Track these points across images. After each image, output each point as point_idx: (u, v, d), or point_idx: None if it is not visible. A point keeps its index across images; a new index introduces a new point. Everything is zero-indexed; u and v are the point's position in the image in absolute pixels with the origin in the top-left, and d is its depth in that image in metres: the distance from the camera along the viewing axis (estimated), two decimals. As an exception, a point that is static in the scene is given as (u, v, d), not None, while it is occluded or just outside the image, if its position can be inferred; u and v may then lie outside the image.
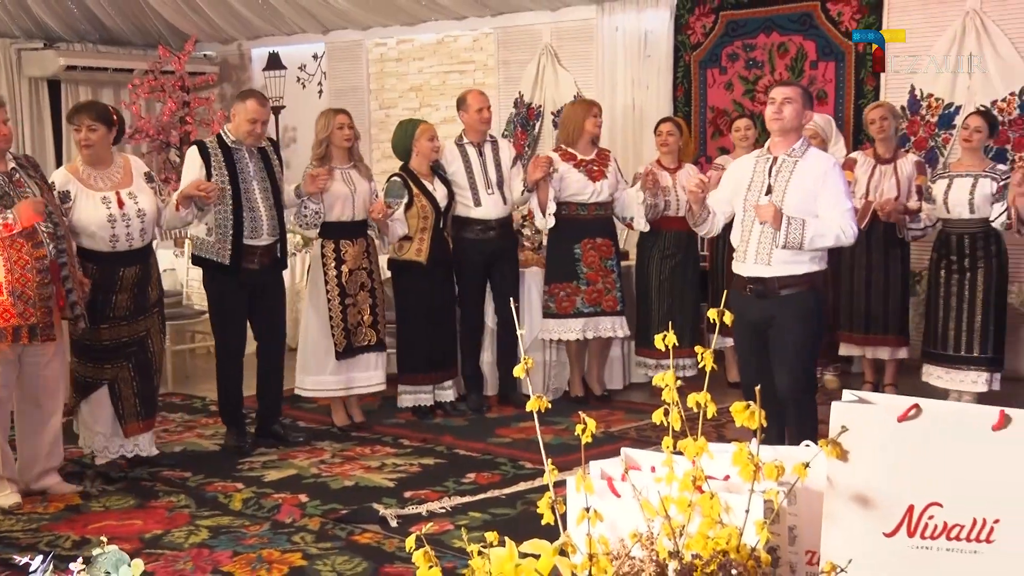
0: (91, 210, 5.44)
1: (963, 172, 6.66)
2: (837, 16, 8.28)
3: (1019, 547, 1.43)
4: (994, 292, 6.67)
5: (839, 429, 1.48)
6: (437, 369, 7.01)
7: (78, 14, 10.55)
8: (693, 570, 1.37)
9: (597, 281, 7.08)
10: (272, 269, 6.26)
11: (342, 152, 6.52)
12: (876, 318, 7.09)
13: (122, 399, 5.70)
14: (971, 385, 6.68)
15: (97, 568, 1.75)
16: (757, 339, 5.13)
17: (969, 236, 6.66)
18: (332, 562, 4.62)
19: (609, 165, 7.11)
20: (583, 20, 9.45)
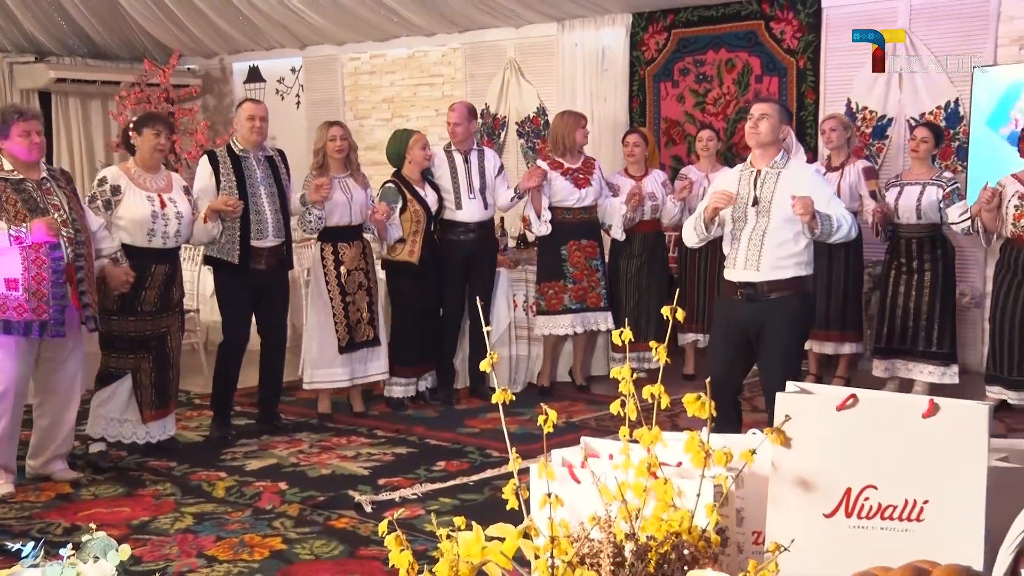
0: (138, 204, 5.62)
1: (912, 180, 6.75)
2: (780, 34, 8.33)
3: (945, 525, 1.45)
4: (942, 291, 6.74)
5: (783, 418, 1.49)
6: (424, 362, 7.06)
7: (67, 29, 10.48)
8: (648, 551, 1.37)
9: (583, 280, 7.15)
10: (278, 270, 6.34)
11: (338, 162, 6.57)
12: (823, 314, 7.14)
13: (141, 388, 5.79)
14: (928, 376, 6.73)
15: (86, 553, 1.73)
16: (741, 339, 5.11)
17: (917, 240, 6.74)
18: (310, 546, 4.61)
19: (594, 173, 7.18)
20: (545, 36, 9.47)
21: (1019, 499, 1.39)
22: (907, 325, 6.76)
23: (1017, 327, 6.39)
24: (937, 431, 1.45)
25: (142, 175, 5.71)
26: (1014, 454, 1.66)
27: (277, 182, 6.21)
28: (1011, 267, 6.42)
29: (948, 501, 1.44)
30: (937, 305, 6.70)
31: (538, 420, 1.47)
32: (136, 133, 5.73)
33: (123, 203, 5.61)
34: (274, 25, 10.29)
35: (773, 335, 5.01)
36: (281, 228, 6.21)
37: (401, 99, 10.52)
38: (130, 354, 5.74)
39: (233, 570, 4.37)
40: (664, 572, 1.37)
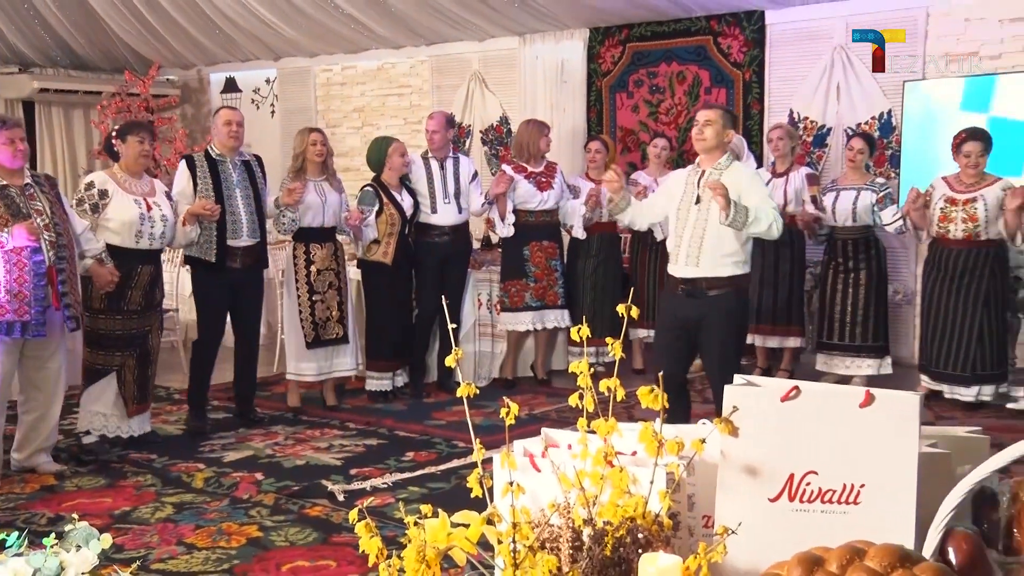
0: (126, 207, 5.60)
1: (848, 186, 6.83)
2: (727, 49, 8.39)
3: (880, 508, 1.46)
4: (876, 289, 6.82)
5: (731, 409, 1.50)
6: (398, 357, 7.04)
7: (50, 41, 10.38)
8: (605, 535, 1.38)
9: (543, 279, 7.17)
10: (253, 269, 6.30)
11: (316, 166, 6.57)
12: (768, 310, 7.21)
13: (125, 384, 5.76)
14: (866, 369, 6.81)
15: (69, 543, 1.71)
16: (683, 333, 5.12)
17: (853, 241, 6.83)
18: (285, 533, 4.59)
19: (555, 177, 7.20)
20: (507, 49, 9.47)
21: (947, 483, 1.41)
22: (844, 321, 6.85)
23: (946, 322, 6.48)
24: (873, 420, 1.46)
25: (128, 180, 5.69)
26: (943, 441, 1.68)
27: (253, 185, 6.19)
28: (937, 265, 6.51)
29: (883, 485, 1.46)
30: (872, 302, 6.79)
31: (501, 412, 1.47)
32: (120, 140, 5.70)
33: (111, 206, 5.58)
34: (249, 38, 10.24)
35: (712, 330, 5.02)
36: (256, 229, 6.18)
37: (371, 108, 10.49)
38: (116, 352, 5.71)
39: (211, 557, 4.33)
40: (620, 555, 1.37)
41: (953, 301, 6.41)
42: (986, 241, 6.29)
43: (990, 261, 6.33)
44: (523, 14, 8.79)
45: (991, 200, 6.22)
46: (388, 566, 1.40)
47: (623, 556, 1.38)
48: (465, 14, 8.94)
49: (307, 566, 4.22)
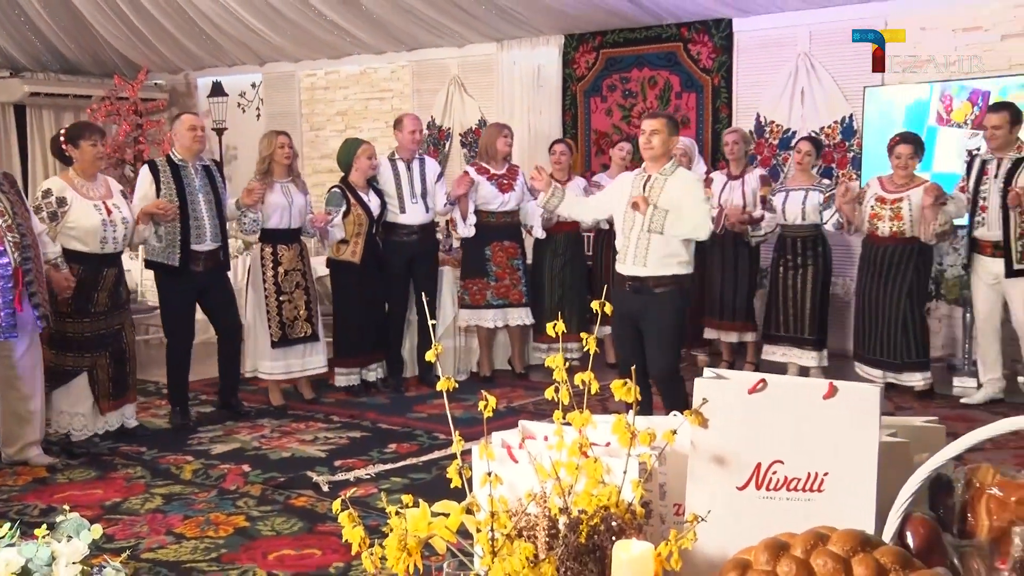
0: (87, 214, 5.46)
1: (796, 187, 6.90)
2: (696, 55, 8.41)
3: (843, 495, 1.47)
4: (820, 284, 6.88)
5: (700, 401, 1.50)
6: (367, 354, 7.00)
7: (41, 46, 10.30)
8: (580, 523, 1.38)
9: (505, 278, 7.15)
10: (216, 271, 6.20)
11: (282, 168, 6.49)
12: (729, 307, 7.26)
13: (99, 383, 5.69)
14: (808, 360, 6.88)
15: (60, 533, 1.69)
16: (632, 327, 5.19)
17: (801, 239, 6.88)
18: (272, 523, 4.58)
19: (517, 179, 7.18)
20: (485, 55, 9.47)
21: (906, 470, 1.42)
22: (789, 314, 6.91)
23: (875, 313, 6.55)
24: (835, 411, 1.47)
25: (84, 184, 5.54)
26: (902, 430, 1.69)
27: (214, 189, 6.10)
28: (868, 260, 6.62)
29: (845, 473, 1.46)
30: (817, 297, 6.86)
31: (479, 406, 1.47)
32: (72, 145, 5.51)
33: (72, 214, 5.42)
34: (235, 43, 10.19)
35: (655, 324, 5.10)
36: (218, 233, 6.10)
37: (354, 112, 10.47)
38: (86, 353, 5.62)
39: (200, 546, 4.32)
40: (594, 542, 1.37)
41: (881, 294, 6.51)
42: (911, 239, 6.39)
43: (915, 257, 6.42)
44: (500, 21, 8.79)
45: (916, 201, 6.31)
46: (370, 554, 1.40)
47: (597, 543, 1.38)
48: (444, 21, 8.93)
49: (293, 555, 4.21)
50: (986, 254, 6.34)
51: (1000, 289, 6.34)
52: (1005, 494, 1.57)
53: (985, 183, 6.26)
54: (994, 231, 6.24)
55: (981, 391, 6.59)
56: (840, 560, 1.23)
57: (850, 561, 1.23)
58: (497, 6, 8.45)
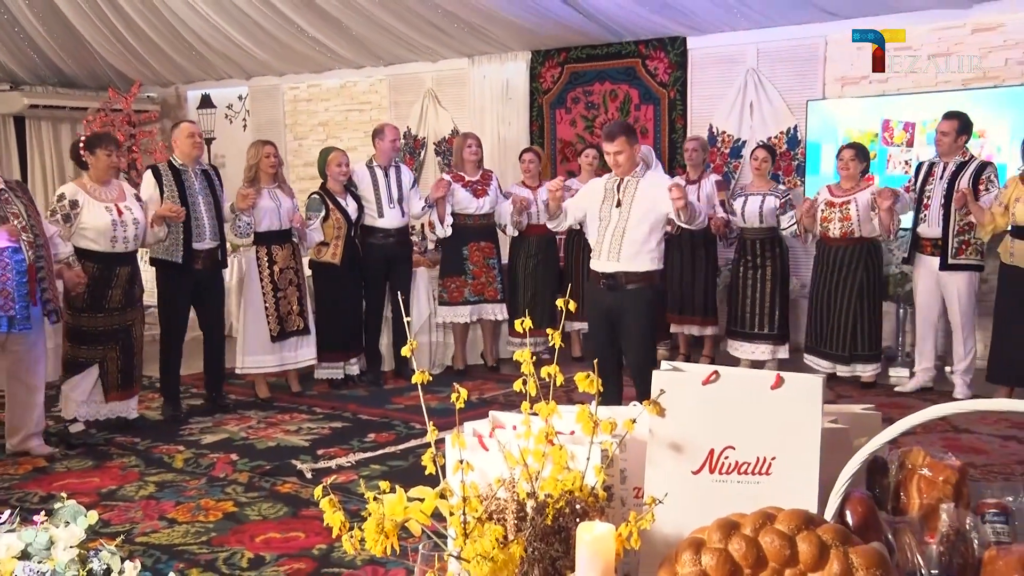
0: (98, 216, 5.47)
1: (754, 192, 6.92)
2: (654, 70, 8.44)
3: (789, 477, 1.47)
4: (778, 282, 6.92)
5: (658, 392, 1.50)
6: (348, 349, 6.97)
7: (39, 61, 10.20)
8: (546, 507, 1.38)
9: (481, 276, 7.15)
10: (213, 269, 6.20)
11: (268, 175, 6.48)
12: (688, 302, 7.29)
13: (108, 375, 5.68)
14: (767, 354, 6.91)
15: (58, 519, 1.69)
16: (607, 322, 5.15)
17: (759, 240, 6.91)
18: (258, 508, 4.56)
19: (491, 184, 7.19)
20: (458, 69, 9.45)
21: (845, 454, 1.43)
22: (751, 311, 6.94)
23: (828, 309, 6.61)
24: (782, 400, 1.48)
25: (96, 188, 5.56)
26: (842, 417, 1.71)
27: (212, 192, 6.11)
28: (821, 260, 6.69)
29: (791, 457, 1.47)
30: (776, 294, 6.90)
31: (452, 397, 1.46)
32: (89, 152, 5.56)
33: (84, 215, 5.46)
34: (223, 58, 10.13)
35: (631, 319, 5.07)
36: (216, 232, 6.11)
37: (335, 123, 10.42)
38: (99, 346, 5.63)
39: (191, 530, 4.29)
40: (560, 524, 1.38)
41: (832, 291, 6.57)
42: (859, 238, 6.45)
43: (864, 256, 6.49)
44: (471, 38, 8.78)
45: (862, 202, 6.39)
46: (350, 537, 1.39)
47: (562, 525, 1.38)
48: (419, 37, 8.92)
49: (278, 537, 4.19)
50: (926, 252, 6.42)
51: (939, 285, 6.41)
52: (934, 474, 1.60)
53: (930, 184, 6.36)
54: (934, 229, 6.33)
55: (913, 380, 6.66)
56: (786, 538, 1.24)
57: (795, 538, 1.24)
58: (468, 24, 8.45)
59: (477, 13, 8.16)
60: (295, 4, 8.54)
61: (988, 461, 5.10)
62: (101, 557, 1.63)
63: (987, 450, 5.31)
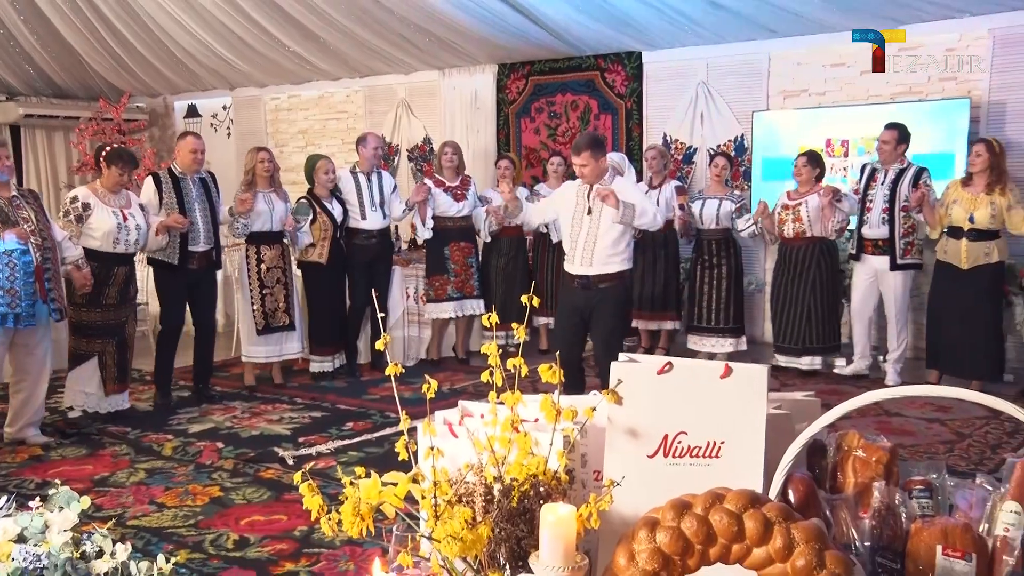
0: (105, 218, 5.49)
1: (712, 196, 6.97)
2: (612, 82, 8.46)
3: (736, 460, 1.48)
4: (734, 280, 6.97)
5: (616, 382, 1.50)
6: (337, 343, 6.95)
7: (34, 73, 10.07)
8: (512, 490, 1.38)
9: (461, 274, 7.15)
10: (208, 270, 6.18)
11: (264, 179, 6.49)
12: (649, 299, 7.32)
13: (106, 368, 5.66)
14: (725, 347, 6.95)
15: (53, 504, 1.67)
16: (579, 320, 5.15)
17: (716, 241, 6.96)
18: (243, 492, 4.52)
19: (469, 189, 7.20)
20: (429, 81, 9.42)
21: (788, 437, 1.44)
22: (709, 307, 6.98)
23: (785, 305, 6.68)
24: (730, 388, 1.48)
25: (107, 195, 5.58)
26: (785, 403, 1.72)
27: (208, 199, 6.10)
28: (780, 259, 6.73)
29: (738, 441, 1.48)
30: (732, 291, 6.94)
31: (424, 388, 1.46)
32: (106, 165, 5.58)
33: (93, 217, 5.48)
34: (208, 70, 10.02)
35: (602, 316, 5.08)
36: (211, 236, 6.10)
37: (313, 131, 10.35)
38: (97, 339, 5.61)
39: (180, 514, 4.25)
40: (525, 506, 1.37)
41: (789, 287, 6.62)
42: (812, 238, 6.52)
43: (818, 254, 6.55)
44: (442, 51, 8.75)
45: (813, 204, 6.45)
46: (328, 519, 1.38)
47: (527, 507, 1.38)
48: (393, 51, 8.88)
49: (262, 520, 4.16)
50: (868, 251, 6.50)
51: (877, 282, 6.49)
52: (867, 455, 1.61)
53: (873, 188, 6.44)
54: (875, 230, 6.41)
55: (851, 366, 6.74)
56: (734, 516, 1.24)
57: (742, 516, 1.24)
58: (439, 39, 8.42)
59: (447, 28, 8.15)
60: (276, 20, 8.47)
61: (915, 442, 5.17)
62: (94, 540, 1.62)
63: (915, 432, 5.39)
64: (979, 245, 5.93)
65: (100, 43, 9.58)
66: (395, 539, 1.45)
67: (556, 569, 1.28)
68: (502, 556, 1.36)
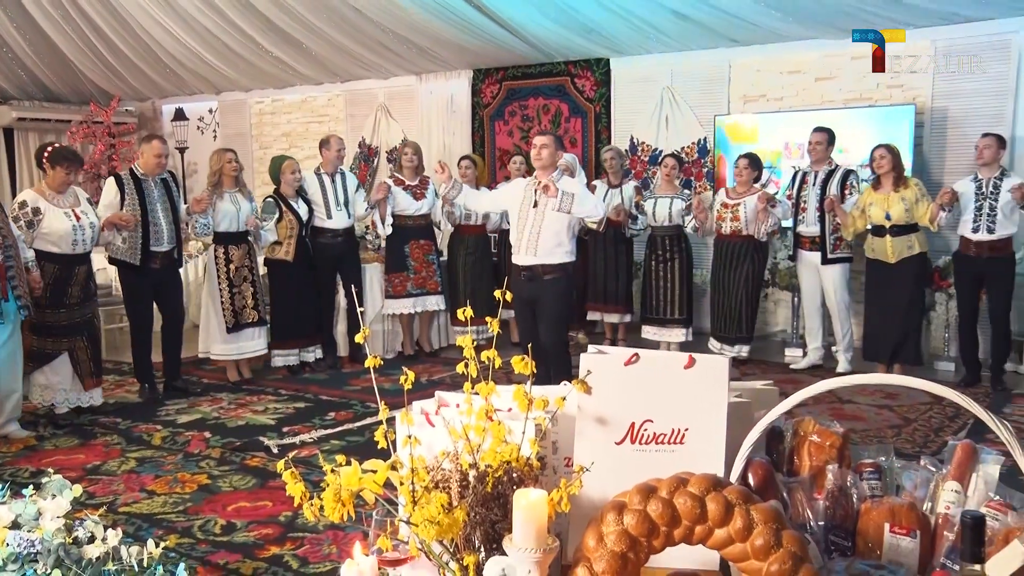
0: (60, 221, 5.31)
1: (664, 195, 6.99)
2: (581, 87, 8.47)
3: (699, 446, 1.49)
4: (684, 274, 7.00)
5: (586, 372, 1.50)
6: (301, 337, 6.88)
7: (26, 78, 9.94)
8: (486, 476, 1.37)
9: (422, 271, 7.10)
10: (170, 268, 6.06)
11: (230, 179, 6.35)
12: (612, 293, 7.34)
13: (80, 363, 5.52)
14: (677, 337, 6.99)
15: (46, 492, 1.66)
16: (528, 310, 5.19)
17: (668, 237, 6.99)
18: (230, 480, 4.48)
19: (428, 188, 7.14)
20: (407, 85, 9.37)
21: (748, 424, 1.45)
22: (661, 299, 7.02)
23: (721, 296, 6.73)
24: (694, 379, 1.49)
25: (55, 196, 5.38)
26: (745, 392, 1.73)
27: (170, 199, 5.96)
28: (717, 254, 6.80)
29: (701, 428, 1.48)
30: (682, 285, 6.99)
31: (401, 379, 1.45)
32: (50, 166, 5.34)
33: (46, 221, 5.29)
34: (194, 75, 9.92)
35: (546, 305, 5.12)
36: (173, 236, 5.95)
37: (296, 133, 10.27)
38: (64, 338, 5.46)
39: (169, 500, 4.20)
40: (498, 491, 1.37)
41: (725, 281, 6.69)
42: (748, 236, 6.57)
43: (751, 251, 6.61)
44: (419, 57, 8.72)
45: (750, 205, 6.51)
46: (311, 505, 1.37)
47: (501, 492, 1.37)
48: (372, 57, 8.83)
49: (248, 506, 4.12)
50: (805, 248, 6.58)
51: (819, 276, 6.56)
52: (822, 440, 1.63)
53: (805, 190, 6.52)
54: (811, 228, 6.49)
55: (806, 358, 6.80)
56: (697, 499, 1.25)
57: (704, 499, 1.25)
58: (416, 45, 8.39)
59: (424, 35, 8.12)
60: (260, 26, 8.40)
61: (866, 427, 5.23)
62: (86, 526, 1.62)
63: (865, 418, 5.45)
64: (902, 239, 6.09)
65: (90, 49, 9.46)
66: (375, 523, 1.44)
67: (528, 551, 1.28)
68: (477, 539, 1.36)
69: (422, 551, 1.39)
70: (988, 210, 5.87)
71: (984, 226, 5.88)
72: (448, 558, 1.38)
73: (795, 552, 1.22)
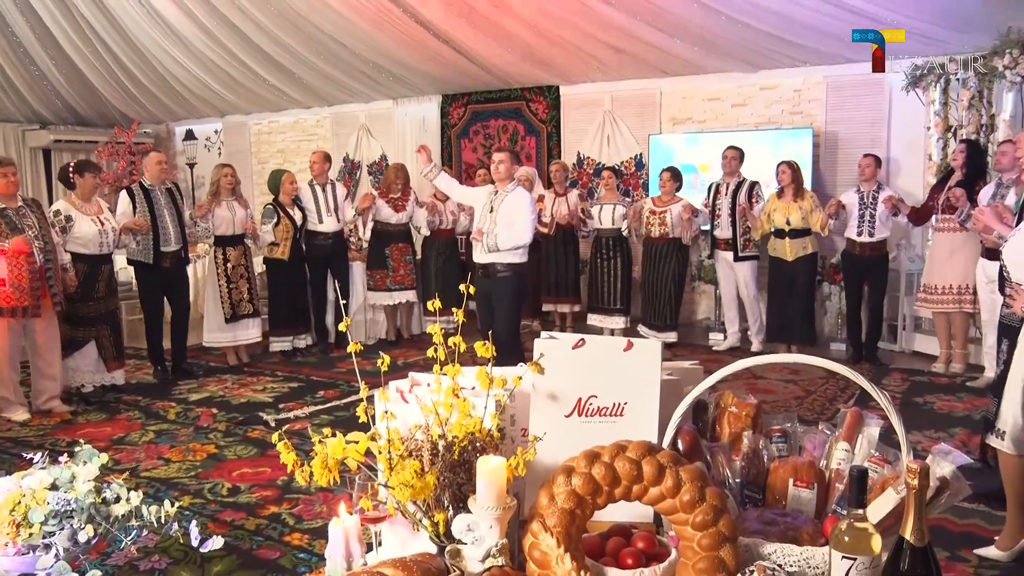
0: (88, 227, 5.31)
1: (607, 202, 7.01)
2: (535, 110, 8.46)
3: (637, 417, 1.49)
4: (625, 271, 7.03)
5: (539, 355, 1.49)
6: (294, 325, 6.81)
7: (60, 105, 9.84)
8: (453, 445, 1.36)
9: (400, 269, 7.07)
10: (178, 266, 6.01)
11: (227, 190, 6.32)
12: (563, 287, 7.35)
13: (104, 349, 5.50)
14: (616, 324, 7.02)
15: (78, 459, 1.67)
16: (487, 303, 5.16)
17: (611, 238, 7.01)
18: (234, 449, 4.42)
19: (408, 199, 7.10)
20: (385, 108, 9.29)
21: (677, 398, 1.45)
22: (605, 291, 7.05)
23: (650, 291, 6.79)
24: (632, 359, 1.49)
25: (83, 205, 5.37)
26: (675, 371, 1.73)
27: (175, 206, 5.92)
28: (647, 254, 6.86)
29: (638, 402, 1.48)
30: (624, 280, 7.02)
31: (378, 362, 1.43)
32: (78, 175, 5.35)
33: (76, 227, 5.29)
34: (202, 102, 9.78)
35: (501, 299, 5.11)
36: (180, 237, 5.92)
37: (290, 150, 10.13)
38: (91, 327, 5.44)
39: (183, 467, 4.14)
40: (464, 458, 1.35)
41: (654, 277, 6.75)
42: (673, 239, 6.64)
43: (675, 252, 6.68)
44: (395, 84, 8.65)
45: (675, 212, 6.58)
46: (301, 471, 1.35)
47: (466, 459, 1.36)
48: (355, 84, 8.75)
49: (250, 471, 4.07)
50: (721, 248, 6.68)
51: (733, 271, 6.65)
52: (739, 411, 1.63)
53: (719, 199, 6.60)
54: (724, 231, 6.58)
55: (726, 341, 6.88)
56: (634, 462, 1.24)
57: (641, 462, 1.24)
58: (393, 74, 8.33)
59: (400, 65, 8.06)
60: (258, 58, 8.29)
61: (775, 398, 5.30)
62: (112, 488, 1.65)
63: (775, 391, 5.52)
64: (798, 241, 6.23)
65: (114, 79, 9.33)
66: (358, 487, 1.44)
67: (490, 509, 1.27)
68: (446, 499, 1.34)
69: (399, 510, 1.37)
70: (869, 217, 6.06)
71: (866, 230, 6.05)
72: (421, 516, 1.36)
73: (716, 505, 1.22)
